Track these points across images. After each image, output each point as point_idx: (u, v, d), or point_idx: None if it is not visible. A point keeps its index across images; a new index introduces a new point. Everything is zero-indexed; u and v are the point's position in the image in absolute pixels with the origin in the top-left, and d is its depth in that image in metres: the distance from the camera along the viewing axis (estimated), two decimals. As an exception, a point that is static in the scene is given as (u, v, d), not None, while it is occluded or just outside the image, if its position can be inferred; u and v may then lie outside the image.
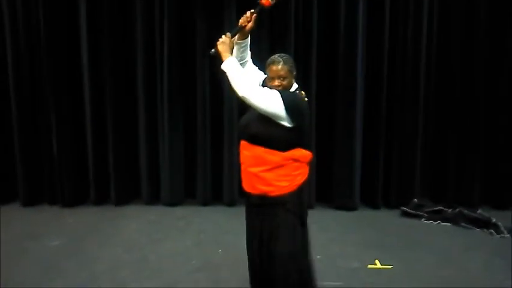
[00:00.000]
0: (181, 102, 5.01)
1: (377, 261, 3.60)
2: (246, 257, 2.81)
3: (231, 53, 2.56)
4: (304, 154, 2.54)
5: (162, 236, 4.21)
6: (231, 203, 5.11)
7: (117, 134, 5.02)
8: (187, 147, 5.11)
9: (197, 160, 5.09)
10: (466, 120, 4.96)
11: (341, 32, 4.81)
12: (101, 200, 5.11)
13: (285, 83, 2.49)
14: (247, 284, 3.18)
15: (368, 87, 4.94)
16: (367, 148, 4.99)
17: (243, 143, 2.57)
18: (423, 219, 4.64)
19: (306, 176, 2.59)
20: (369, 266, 3.53)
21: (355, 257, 3.67)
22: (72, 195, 5.04)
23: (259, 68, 2.76)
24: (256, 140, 2.49)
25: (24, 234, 4.20)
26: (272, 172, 2.47)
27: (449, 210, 4.65)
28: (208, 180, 5.12)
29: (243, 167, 2.59)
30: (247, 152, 2.53)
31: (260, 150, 2.48)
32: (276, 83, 2.48)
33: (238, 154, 2.69)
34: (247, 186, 2.58)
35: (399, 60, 4.88)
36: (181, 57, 4.93)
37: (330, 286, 3.15)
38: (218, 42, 2.52)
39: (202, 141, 5.04)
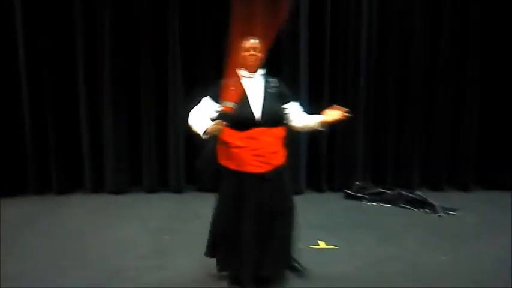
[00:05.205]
0: (124, 87, 4.91)
1: (321, 242, 3.71)
2: (192, 243, 2.78)
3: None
4: None
5: (107, 224, 4.13)
6: (178, 190, 5.07)
7: (58, 120, 4.87)
8: (131, 134, 5.02)
9: (142, 147, 5.02)
10: (405, 106, 5.17)
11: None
12: (42, 189, 4.94)
13: (259, 55, 2.70)
14: (195, 270, 3.20)
15: (311, 75, 5.02)
16: (312, 134, 5.09)
17: (258, 130, 2.66)
18: (365, 201, 4.82)
19: None
20: (311, 246, 3.62)
21: (301, 239, 3.74)
22: (12, 185, 4.85)
23: None
24: (278, 122, 2.74)
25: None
26: (283, 144, 2.81)
27: (389, 192, 4.86)
28: (154, 167, 5.06)
29: (258, 152, 2.66)
30: (266, 136, 2.67)
31: (280, 130, 2.77)
32: (252, 52, 2.66)
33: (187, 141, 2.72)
34: (261, 167, 2.67)
35: (341, 51, 5.02)
36: (122, 43, 4.82)
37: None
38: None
39: (146, 128, 4.97)
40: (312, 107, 4.87)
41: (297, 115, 2.82)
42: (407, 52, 5.09)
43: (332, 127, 4.93)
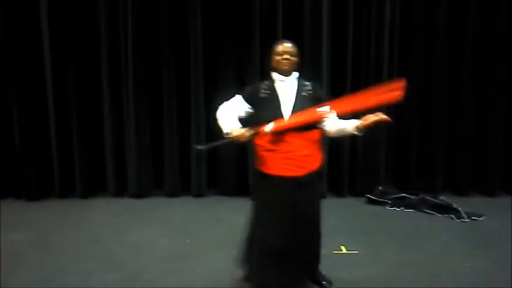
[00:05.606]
0: (147, 91, 4.95)
1: (342, 247, 3.67)
2: (213, 247, 2.76)
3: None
4: None
5: (129, 227, 4.17)
6: (199, 194, 5.09)
7: (82, 125, 4.94)
8: (153, 138, 5.06)
9: (164, 151, 5.06)
10: (428, 109, 5.08)
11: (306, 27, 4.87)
12: (66, 193, 5.02)
13: (294, 59, 2.71)
14: (215, 274, 3.21)
15: (333, 79, 4.99)
16: (333, 138, 5.05)
17: (289, 133, 2.62)
18: (387, 206, 4.75)
19: None
20: (334, 252, 3.59)
21: (322, 244, 3.71)
22: (37, 189, 4.95)
23: None
24: (309, 125, 2.66)
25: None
26: (320, 148, 2.78)
27: (412, 197, 4.78)
28: (176, 171, 5.09)
29: (288, 155, 2.64)
30: (297, 139, 2.64)
31: (314, 133, 2.71)
32: (285, 56, 2.67)
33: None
34: (293, 171, 2.64)
35: (363, 56, 4.97)
36: (145, 47, 4.87)
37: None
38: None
39: (169, 132, 5.01)
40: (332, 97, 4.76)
41: (331, 119, 2.75)
42: (430, 53, 5.01)
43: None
